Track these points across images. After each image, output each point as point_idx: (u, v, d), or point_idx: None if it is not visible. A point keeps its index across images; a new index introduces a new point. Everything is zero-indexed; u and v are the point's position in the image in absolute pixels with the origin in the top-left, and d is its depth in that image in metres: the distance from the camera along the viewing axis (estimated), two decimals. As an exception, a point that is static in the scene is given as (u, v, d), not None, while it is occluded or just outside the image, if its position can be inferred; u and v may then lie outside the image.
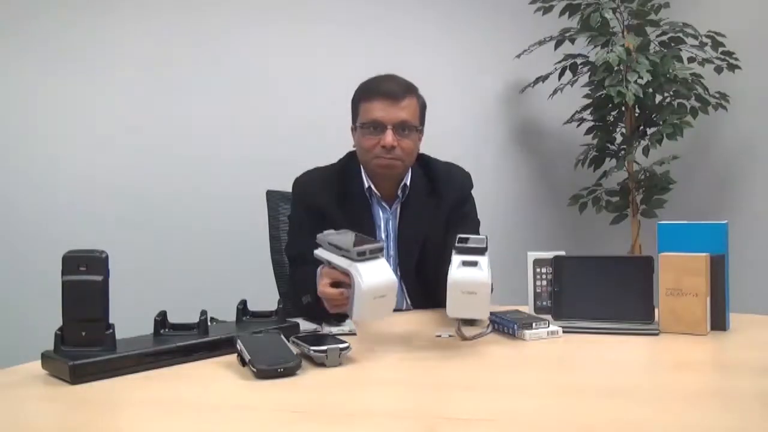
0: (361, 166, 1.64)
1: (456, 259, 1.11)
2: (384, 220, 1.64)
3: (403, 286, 1.62)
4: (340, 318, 1.34)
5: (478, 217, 1.79)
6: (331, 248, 1.16)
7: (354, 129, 1.63)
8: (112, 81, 2.48)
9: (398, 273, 1.62)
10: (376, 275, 1.09)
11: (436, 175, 1.68)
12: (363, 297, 1.07)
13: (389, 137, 1.51)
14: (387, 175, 1.59)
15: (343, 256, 1.13)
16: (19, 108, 2.37)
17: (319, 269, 1.36)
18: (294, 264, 1.66)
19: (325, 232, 1.23)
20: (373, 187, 1.62)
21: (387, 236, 1.64)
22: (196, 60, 2.60)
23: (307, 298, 1.42)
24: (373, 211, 1.63)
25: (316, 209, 1.60)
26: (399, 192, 1.64)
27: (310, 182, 1.66)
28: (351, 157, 1.68)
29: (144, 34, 2.52)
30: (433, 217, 1.63)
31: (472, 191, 1.76)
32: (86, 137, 2.45)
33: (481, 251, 1.13)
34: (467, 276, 1.09)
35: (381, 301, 1.09)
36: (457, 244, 1.15)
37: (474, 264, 1.10)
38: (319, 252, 1.20)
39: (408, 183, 1.64)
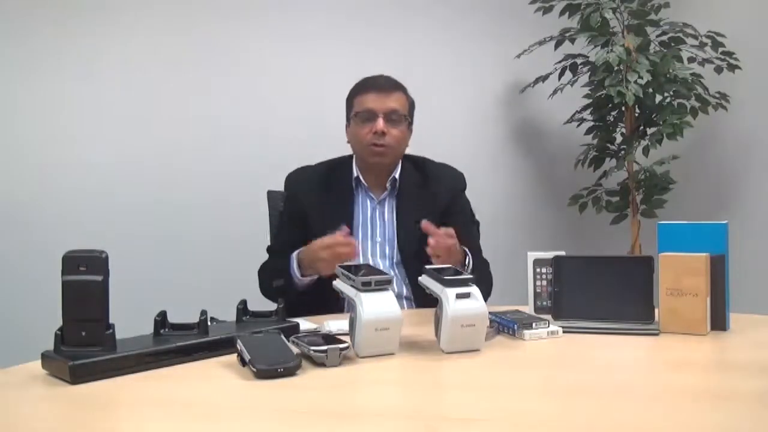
0: (353, 160, 1.75)
1: (449, 293, 1.09)
2: (371, 209, 1.74)
3: (404, 271, 1.71)
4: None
5: (477, 218, 1.81)
6: (343, 277, 1.17)
7: (348, 125, 1.76)
8: (113, 82, 2.48)
9: (394, 259, 1.72)
10: (378, 306, 1.08)
11: (428, 170, 1.79)
12: (363, 327, 1.06)
13: (380, 124, 1.65)
14: (378, 164, 1.71)
15: (351, 285, 1.13)
16: (20, 108, 2.37)
17: (293, 254, 1.57)
18: (270, 257, 1.78)
19: (345, 262, 1.24)
20: (361, 177, 1.73)
21: (373, 224, 1.74)
22: (197, 61, 2.60)
23: (279, 282, 1.53)
24: (358, 200, 1.75)
25: (297, 203, 1.74)
26: (388, 184, 1.74)
27: (296, 176, 1.80)
28: (344, 155, 1.80)
29: (144, 35, 2.53)
30: (428, 206, 1.72)
31: (468, 194, 1.83)
32: (86, 138, 2.45)
33: (470, 281, 1.12)
34: (466, 309, 1.08)
35: (383, 335, 1.08)
36: (444, 277, 1.12)
37: (468, 296, 1.10)
38: (336, 282, 1.21)
39: (397, 176, 1.74)
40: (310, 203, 1.71)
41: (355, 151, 1.75)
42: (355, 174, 1.74)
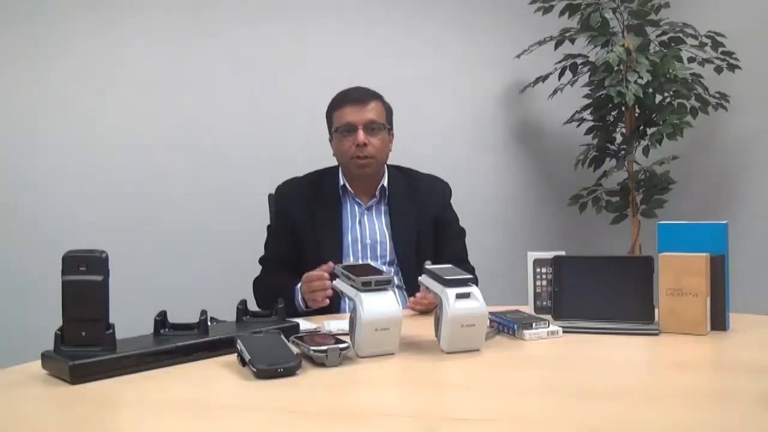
0: (339, 169, 1.82)
1: (449, 293, 1.09)
2: (359, 214, 1.79)
3: (399, 269, 1.77)
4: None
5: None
6: (343, 278, 1.17)
7: (331, 139, 1.81)
8: (115, 82, 2.48)
9: (386, 258, 1.77)
10: (378, 306, 1.08)
11: (416, 179, 1.87)
12: (363, 327, 1.07)
13: (361, 135, 1.71)
14: (363, 174, 1.76)
15: (351, 285, 1.13)
16: (20, 107, 2.37)
17: (296, 287, 1.60)
18: (264, 269, 1.83)
19: (345, 263, 1.25)
20: (347, 185, 1.79)
21: (362, 228, 1.78)
22: (201, 61, 2.60)
23: (280, 302, 1.51)
24: (346, 206, 1.80)
25: (286, 214, 1.79)
26: (377, 192, 1.80)
27: (285, 188, 1.86)
28: (332, 166, 1.86)
29: (148, 35, 2.52)
30: (420, 212, 1.80)
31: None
32: (88, 137, 2.45)
33: (469, 281, 1.12)
34: (466, 309, 1.08)
35: (383, 335, 1.08)
36: (445, 277, 1.12)
37: (467, 296, 1.10)
38: (336, 282, 1.21)
39: (386, 184, 1.81)
40: (299, 213, 1.77)
41: (340, 164, 1.81)
42: (341, 182, 1.80)
